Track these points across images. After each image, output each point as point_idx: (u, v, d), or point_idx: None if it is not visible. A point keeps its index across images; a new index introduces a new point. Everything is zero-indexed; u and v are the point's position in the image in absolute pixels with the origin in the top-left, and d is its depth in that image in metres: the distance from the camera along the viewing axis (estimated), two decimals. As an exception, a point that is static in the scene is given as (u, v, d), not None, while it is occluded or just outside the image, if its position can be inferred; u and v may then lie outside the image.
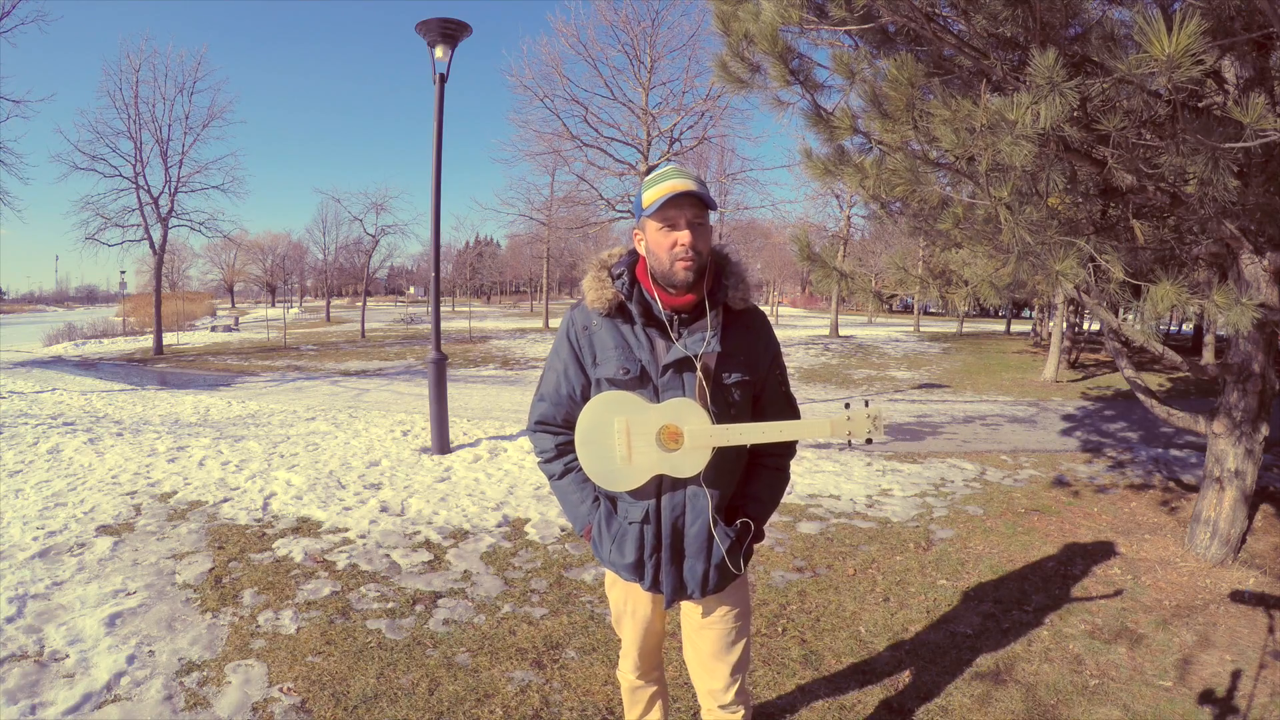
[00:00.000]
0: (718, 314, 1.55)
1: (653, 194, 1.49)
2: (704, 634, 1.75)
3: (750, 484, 1.70)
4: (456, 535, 4.26)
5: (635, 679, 1.93)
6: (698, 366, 1.53)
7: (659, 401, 1.55)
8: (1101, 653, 2.98)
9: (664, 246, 1.50)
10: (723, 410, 1.56)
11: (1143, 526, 4.64)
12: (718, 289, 1.57)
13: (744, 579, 1.74)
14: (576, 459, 1.66)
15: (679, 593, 1.65)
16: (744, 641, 1.76)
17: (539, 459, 1.76)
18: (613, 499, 1.68)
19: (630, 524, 1.64)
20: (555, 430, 1.72)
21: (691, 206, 1.48)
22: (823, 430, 1.48)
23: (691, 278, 1.50)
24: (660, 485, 1.60)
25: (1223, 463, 3.94)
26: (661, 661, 1.98)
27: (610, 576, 1.81)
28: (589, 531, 1.70)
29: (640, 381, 1.56)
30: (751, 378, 1.60)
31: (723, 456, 1.58)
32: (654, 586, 1.66)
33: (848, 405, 1.50)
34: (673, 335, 1.55)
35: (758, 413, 1.69)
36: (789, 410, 1.70)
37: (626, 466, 1.55)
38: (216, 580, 3.51)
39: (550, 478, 1.75)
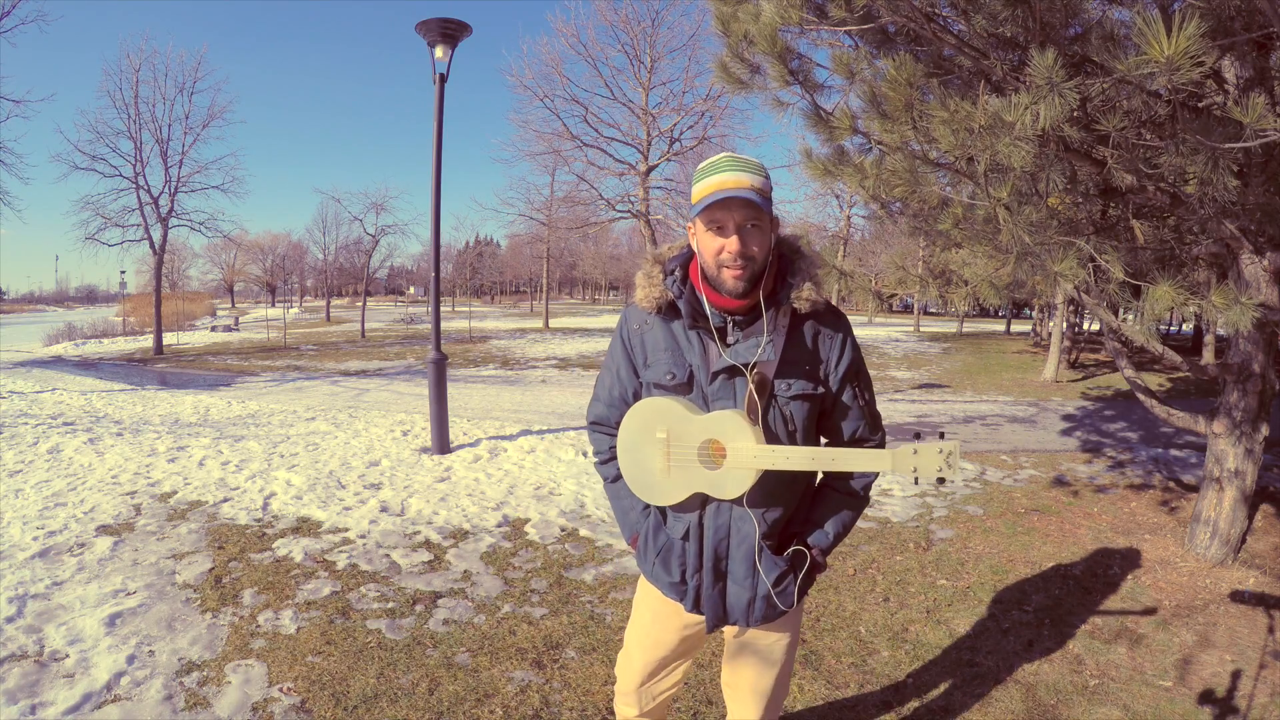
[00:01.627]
0: (776, 316, 1.39)
1: (700, 189, 1.33)
2: (745, 662, 1.62)
3: (815, 509, 1.54)
4: (456, 535, 4.26)
5: (646, 700, 1.74)
6: (749, 376, 1.37)
7: (708, 411, 1.40)
8: (1101, 653, 2.98)
9: (711, 251, 1.35)
10: (778, 426, 1.40)
11: (1143, 526, 4.64)
12: (780, 288, 1.40)
13: (798, 611, 1.59)
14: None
15: (721, 619, 1.52)
16: (787, 680, 1.66)
17: (595, 459, 1.69)
18: (664, 511, 1.56)
19: (675, 539, 1.52)
20: (609, 432, 1.62)
21: (743, 209, 1.30)
22: (883, 464, 1.29)
23: (742, 286, 1.34)
24: (705, 502, 1.47)
25: (1223, 463, 3.94)
26: (668, 710, 1.84)
27: (644, 586, 1.67)
28: (635, 540, 1.59)
29: (688, 387, 1.43)
30: (816, 391, 1.42)
31: (776, 479, 1.41)
32: (695, 609, 1.54)
33: (917, 436, 1.30)
34: (726, 340, 1.41)
35: (828, 430, 1.53)
36: (870, 431, 1.52)
37: (665, 480, 1.43)
38: (216, 580, 3.51)
39: (605, 480, 1.66)
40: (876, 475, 1.54)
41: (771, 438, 1.39)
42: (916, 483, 1.43)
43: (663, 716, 1.83)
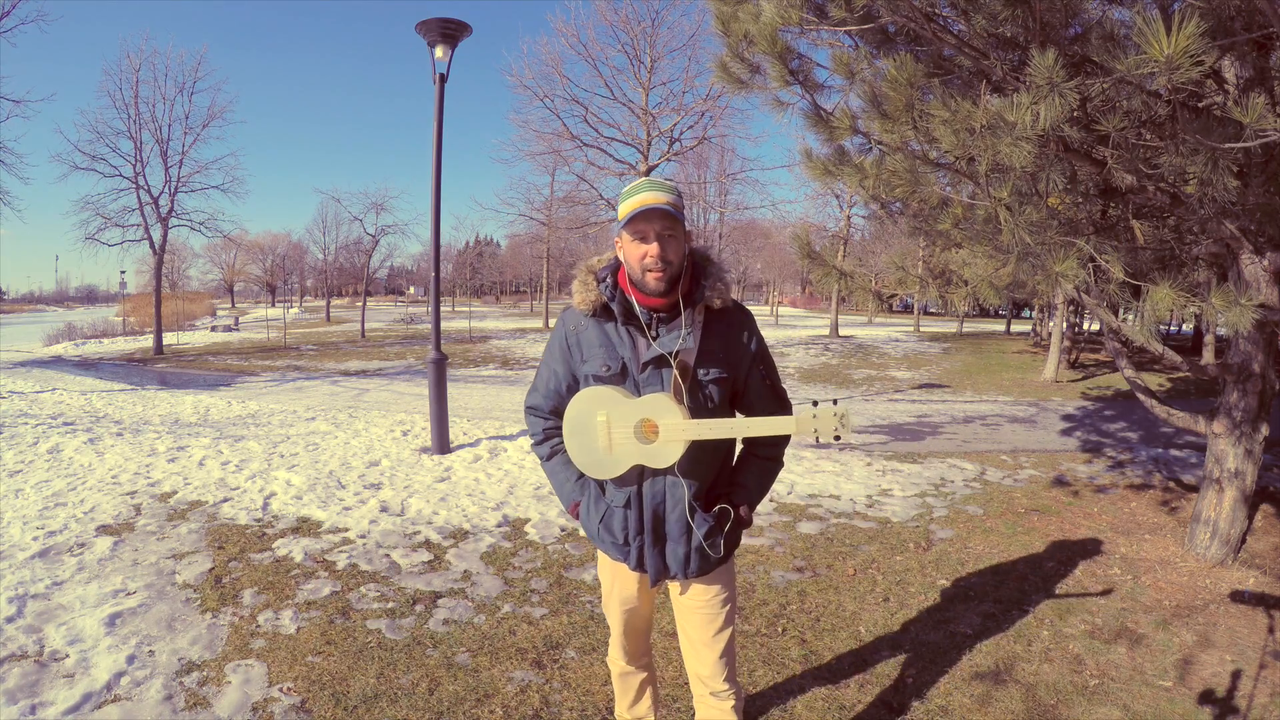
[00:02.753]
0: (693, 313, 1.63)
1: (625, 207, 1.58)
2: (691, 618, 1.82)
3: (738, 472, 1.80)
4: (456, 535, 4.26)
5: (624, 664, 2.01)
6: (674, 364, 1.61)
7: (640, 396, 1.63)
8: (1101, 653, 2.98)
9: (635, 257, 1.59)
10: (700, 406, 1.63)
11: (1143, 526, 4.64)
12: (695, 289, 1.64)
13: (729, 567, 1.82)
14: (562, 443, 1.80)
15: (662, 573, 1.75)
16: (730, 629, 1.82)
17: (531, 440, 1.91)
18: (602, 484, 1.78)
19: (615, 507, 1.75)
20: (543, 416, 1.85)
21: (661, 219, 1.55)
22: (788, 427, 1.53)
23: (663, 286, 1.58)
24: (641, 474, 1.69)
25: (1223, 463, 3.94)
26: (649, 649, 2.05)
27: (601, 558, 1.91)
28: (576, 508, 1.82)
29: (621, 377, 1.66)
30: (730, 375, 1.67)
31: (700, 448, 1.64)
32: (639, 566, 1.77)
33: (815, 404, 1.54)
34: (651, 334, 1.64)
35: (743, 408, 1.77)
36: (777, 406, 1.75)
37: (608, 457, 1.65)
38: (216, 580, 3.51)
39: (541, 459, 1.89)
40: (787, 440, 1.80)
41: (695, 414, 1.62)
42: (818, 443, 1.67)
43: (651, 659, 2.11)
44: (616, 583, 1.88)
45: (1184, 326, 27.19)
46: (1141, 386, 4.48)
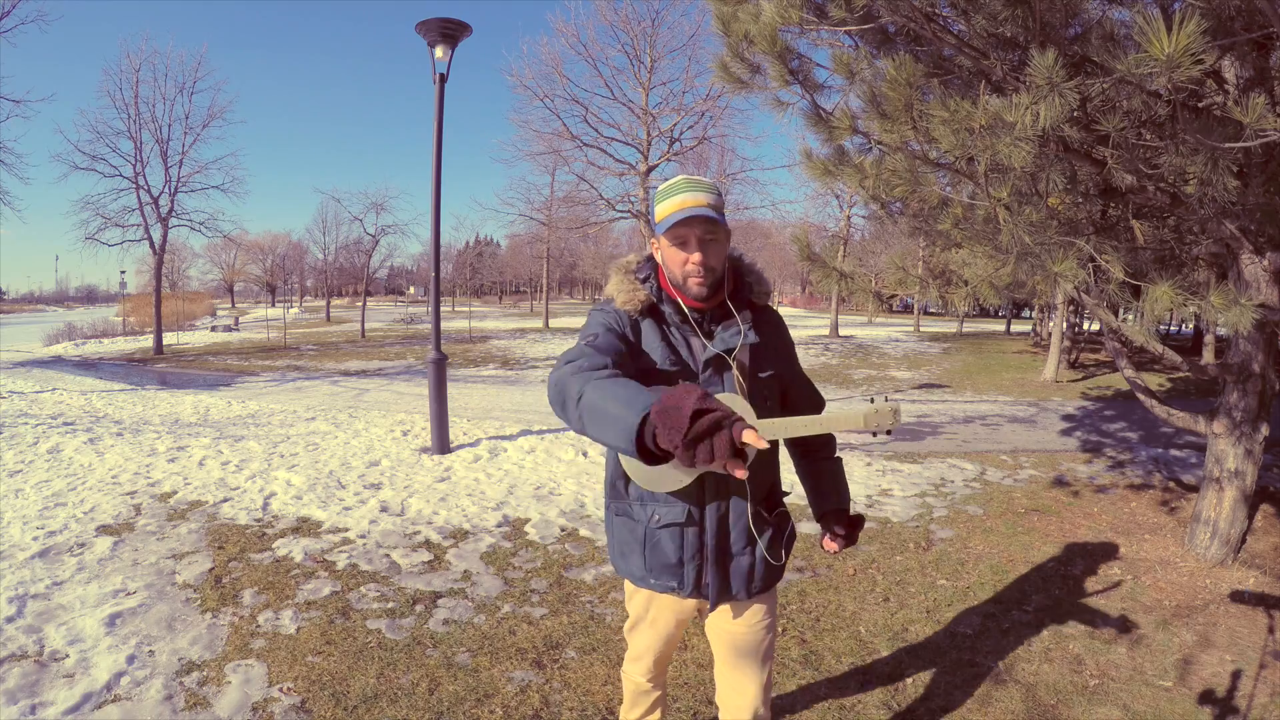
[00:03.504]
0: (747, 313, 1.59)
1: (664, 209, 1.50)
2: (736, 645, 1.69)
3: (821, 482, 1.75)
4: (456, 535, 4.26)
5: (645, 682, 1.90)
6: (733, 363, 1.54)
7: None
8: (1101, 653, 2.98)
9: (677, 262, 1.52)
10: (760, 405, 1.56)
11: (1143, 526, 4.64)
12: (741, 288, 1.61)
13: (774, 587, 1.73)
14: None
15: (724, 594, 1.62)
16: (772, 654, 1.74)
17: (576, 390, 1.20)
18: (634, 504, 1.62)
19: (662, 528, 1.58)
20: (597, 365, 1.32)
21: (702, 224, 1.47)
22: (857, 421, 1.50)
23: (706, 292, 1.52)
24: (703, 484, 1.56)
25: (1223, 463, 3.94)
26: (666, 670, 1.96)
27: (631, 587, 1.75)
28: (651, 417, 1.02)
29: (682, 377, 1.54)
30: (779, 373, 1.64)
31: (760, 453, 1.56)
32: (696, 590, 1.61)
33: (872, 400, 1.54)
34: (705, 334, 1.57)
35: (787, 407, 1.71)
36: (817, 400, 1.74)
37: (674, 466, 1.43)
38: (216, 580, 3.51)
39: (587, 390, 1.17)
40: (834, 439, 1.79)
41: (759, 415, 1.52)
42: (875, 435, 1.64)
43: (665, 679, 2.00)
44: (652, 611, 1.72)
45: (1184, 326, 27.19)
46: (1141, 386, 4.48)
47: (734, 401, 1.49)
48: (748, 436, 0.99)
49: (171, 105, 19.30)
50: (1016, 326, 32.28)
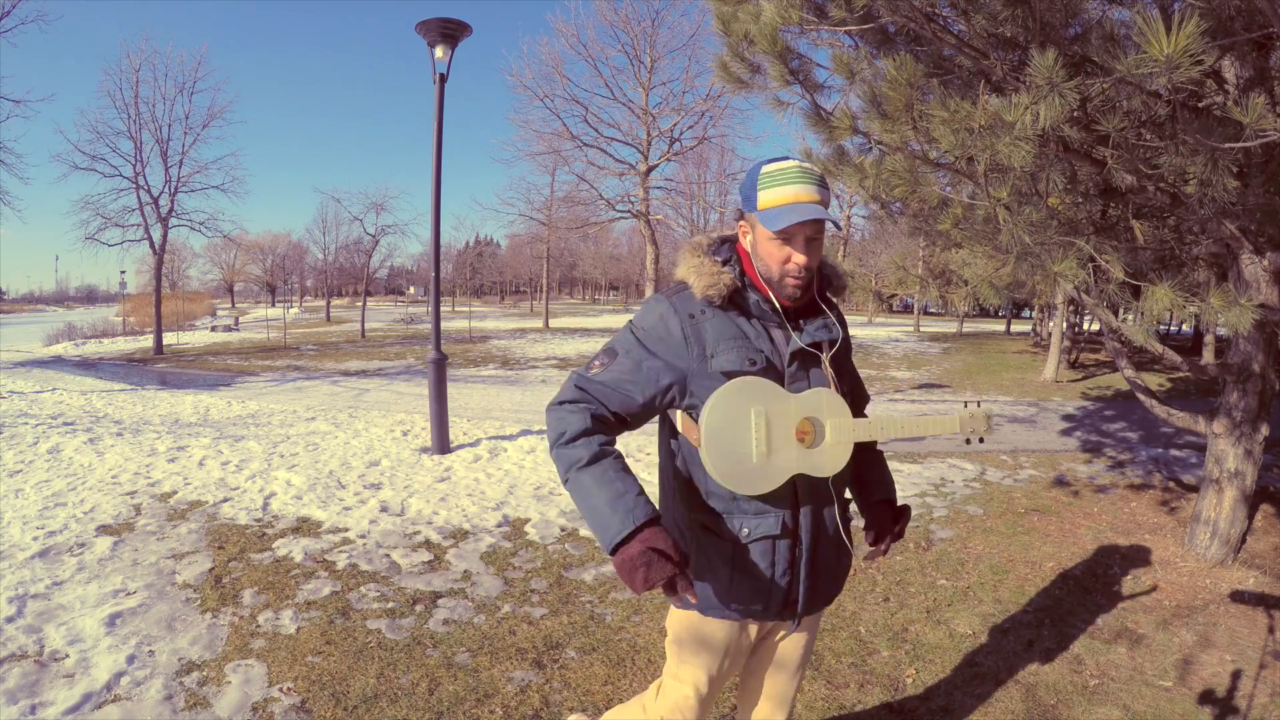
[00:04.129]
0: (834, 307, 1.54)
1: (771, 198, 1.34)
2: (781, 658, 1.60)
3: (870, 471, 1.64)
4: (456, 535, 4.26)
5: (699, 713, 1.55)
6: (824, 358, 1.44)
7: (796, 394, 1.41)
8: (1101, 653, 2.98)
9: (777, 259, 1.37)
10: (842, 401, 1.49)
11: (1143, 526, 4.64)
12: (825, 284, 1.52)
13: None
14: (613, 449, 1.38)
15: (811, 610, 1.49)
16: (804, 672, 1.70)
17: (558, 442, 1.37)
18: (707, 525, 1.43)
19: (754, 540, 1.39)
20: (598, 416, 1.38)
21: (813, 225, 1.35)
22: (953, 426, 1.48)
23: (799, 292, 1.40)
24: (795, 489, 1.40)
25: (1222, 463, 3.94)
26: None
27: (691, 617, 1.49)
28: (626, 544, 1.27)
29: (766, 374, 1.38)
30: (848, 368, 1.58)
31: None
32: (780, 612, 1.45)
33: (965, 405, 1.52)
34: (790, 326, 1.44)
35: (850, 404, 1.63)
36: (863, 394, 1.68)
37: (764, 466, 1.33)
38: (216, 580, 3.51)
39: (572, 466, 1.35)
40: None
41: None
42: (968, 442, 1.53)
43: None
44: (720, 637, 1.48)
45: (1184, 327, 27.18)
46: (1141, 386, 4.48)
47: (828, 398, 1.40)
48: (684, 592, 1.25)
49: (171, 105, 19.34)
50: (1016, 326, 32.28)
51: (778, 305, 1.42)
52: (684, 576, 1.25)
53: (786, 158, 1.39)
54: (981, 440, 1.49)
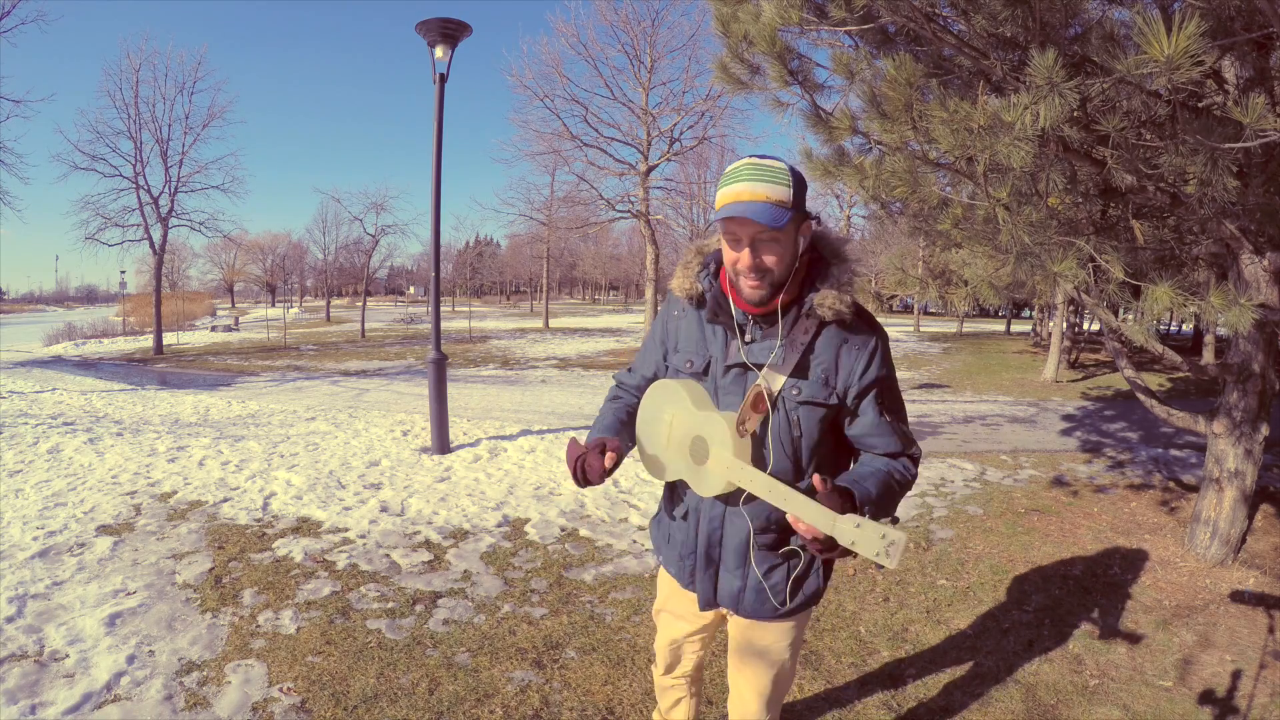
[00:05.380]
0: (795, 321, 1.38)
1: (719, 198, 1.32)
2: (738, 657, 1.66)
3: (859, 466, 1.44)
4: (456, 535, 4.26)
5: (661, 674, 1.90)
6: (759, 378, 1.38)
7: (717, 402, 1.45)
8: (1101, 653, 2.98)
9: (729, 261, 1.36)
10: (782, 431, 1.39)
11: (1143, 526, 4.64)
12: (800, 295, 1.39)
13: (798, 622, 1.60)
14: (623, 395, 1.71)
15: (711, 602, 1.60)
16: (777, 689, 1.66)
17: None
18: (673, 487, 1.64)
19: (677, 518, 1.61)
20: (627, 391, 1.72)
21: (754, 226, 1.29)
22: (827, 524, 1.19)
23: (760, 295, 1.34)
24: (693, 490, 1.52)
25: (1222, 463, 3.94)
26: (695, 672, 1.89)
27: (662, 573, 1.80)
28: (595, 446, 1.46)
29: (704, 376, 1.48)
30: (829, 400, 1.38)
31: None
32: (690, 586, 1.64)
33: (885, 535, 1.13)
34: (745, 338, 1.42)
35: (842, 444, 1.50)
36: (893, 443, 1.42)
37: (663, 458, 1.51)
38: (216, 580, 3.51)
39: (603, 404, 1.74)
40: (909, 475, 1.43)
41: (775, 436, 1.40)
42: (855, 556, 1.24)
43: (698, 677, 1.92)
44: (672, 596, 1.73)
45: (1184, 326, 27.18)
46: (1141, 386, 4.48)
47: (718, 426, 1.34)
48: (594, 463, 1.42)
49: (171, 105, 19.33)
50: (1016, 326, 32.28)
51: (734, 312, 1.42)
52: (594, 456, 1.44)
53: (751, 156, 1.34)
54: (880, 566, 1.39)
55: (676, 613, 1.75)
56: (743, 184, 1.29)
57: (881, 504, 1.33)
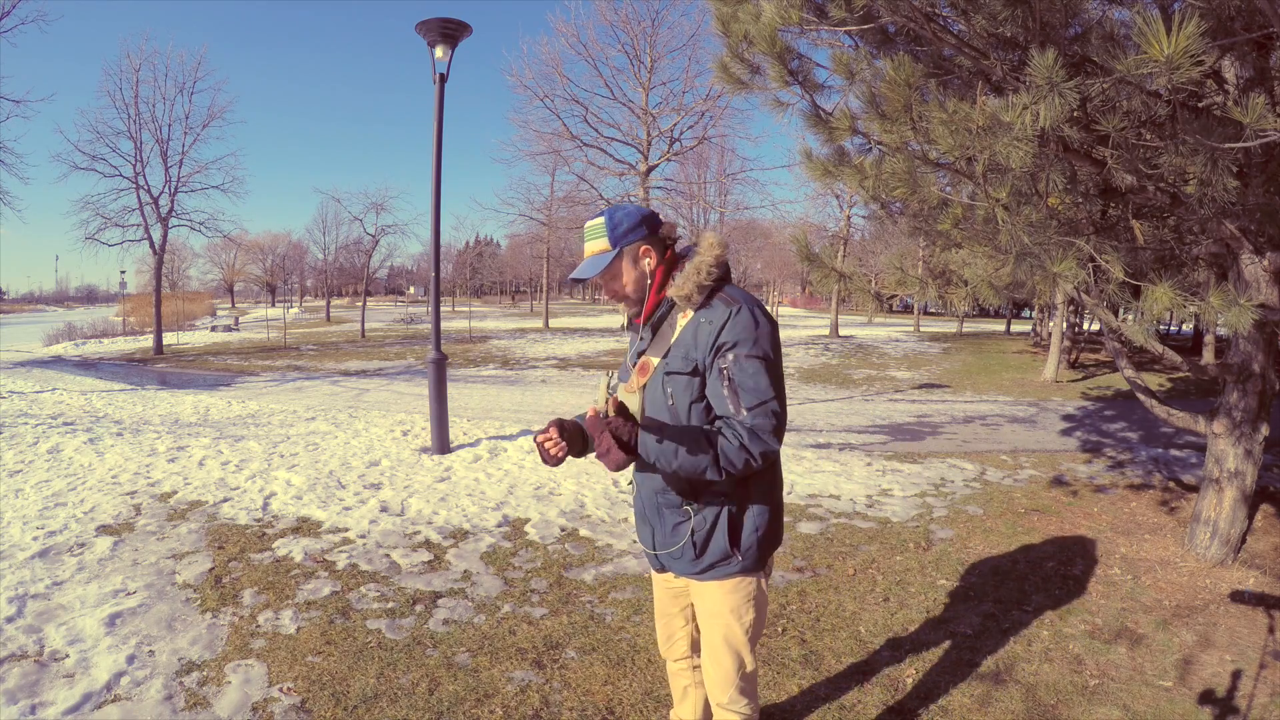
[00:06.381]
0: (661, 316, 1.73)
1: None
2: (700, 618, 1.83)
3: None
4: (456, 535, 4.26)
5: (664, 653, 2.05)
6: (631, 363, 1.78)
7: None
8: (1101, 653, 2.98)
9: None
10: (658, 399, 1.69)
11: (1143, 526, 4.64)
12: (658, 301, 1.74)
13: (739, 585, 1.72)
14: None
15: (655, 561, 1.85)
16: (731, 649, 1.76)
17: None
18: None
19: (631, 491, 1.90)
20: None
21: (592, 276, 1.70)
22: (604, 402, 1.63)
23: (633, 310, 1.77)
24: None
25: (1222, 463, 3.94)
26: (692, 654, 2.00)
27: None
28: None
29: (626, 374, 1.83)
30: (685, 370, 1.64)
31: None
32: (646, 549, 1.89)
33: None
34: (637, 339, 1.80)
35: (708, 406, 1.68)
36: (735, 401, 1.57)
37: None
38: (216, 580, 3.51)
39: None
40: (734, 442, 1.55)
41: (653, 408, 1.70)
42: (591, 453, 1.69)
43: (699, 664, 2.00)
44: (651, 570, 1.99)
45: (1184, 326, 27.17)
46: (1141, 386, 4.48)
47: (600, 390, 1.65)
48: (539, 438, 1.61)
49: (171, 105, 19.38)
50: (1016, 326, 32.28)
51: (626, 324, 1.86)
52: (558, 429, 1.63)
53: (588, 220, 1.75)
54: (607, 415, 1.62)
55: (656, 587, 2.00)
56: (585, 245, 1.73)
57: (664, 448, 1.53)
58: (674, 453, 1.53)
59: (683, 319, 1.68)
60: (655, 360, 1.70)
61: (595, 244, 1.70)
